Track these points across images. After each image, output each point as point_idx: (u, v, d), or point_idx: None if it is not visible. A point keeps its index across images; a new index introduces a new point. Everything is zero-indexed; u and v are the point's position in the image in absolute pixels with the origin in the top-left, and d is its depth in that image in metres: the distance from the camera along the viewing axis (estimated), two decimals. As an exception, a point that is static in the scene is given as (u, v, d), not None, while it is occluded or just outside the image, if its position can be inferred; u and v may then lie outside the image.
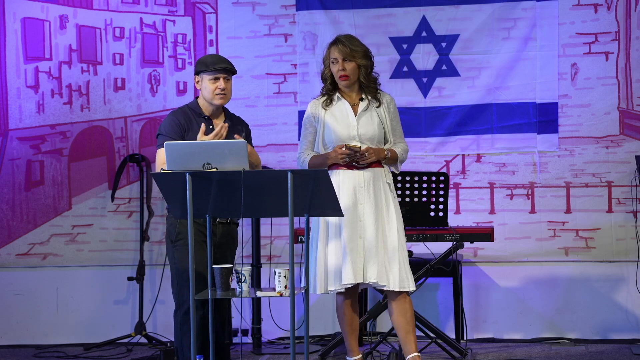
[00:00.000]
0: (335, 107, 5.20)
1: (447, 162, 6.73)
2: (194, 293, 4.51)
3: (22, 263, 6.95)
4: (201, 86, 5.06)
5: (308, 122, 5.23)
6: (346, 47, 5.13)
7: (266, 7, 6.83)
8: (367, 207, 5.08)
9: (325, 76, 5.24)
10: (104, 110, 6.94)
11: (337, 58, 5.15)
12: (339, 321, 5.27)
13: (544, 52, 6.61)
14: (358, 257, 5.05)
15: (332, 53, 5.17)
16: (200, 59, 5.10)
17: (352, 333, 5.24)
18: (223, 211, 4.70)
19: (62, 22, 6.91)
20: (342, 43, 5.15)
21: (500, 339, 6.63)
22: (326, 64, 5.21)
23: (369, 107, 5.20)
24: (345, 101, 5.20)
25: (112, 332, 6.79)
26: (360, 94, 5.23)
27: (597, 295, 6.57)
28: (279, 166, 6.74)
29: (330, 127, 5.16)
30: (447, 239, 6.02)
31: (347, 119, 5.17)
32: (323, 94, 5.25)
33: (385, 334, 6.10)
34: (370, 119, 5.18)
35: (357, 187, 5.09)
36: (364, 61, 5.17)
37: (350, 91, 5.23)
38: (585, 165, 6.60)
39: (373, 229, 5.07)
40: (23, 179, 6.93)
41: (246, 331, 6.60)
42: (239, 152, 4.46)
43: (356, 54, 5.14)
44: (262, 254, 6.60)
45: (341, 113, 5.18)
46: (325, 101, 5.21)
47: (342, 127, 5.15)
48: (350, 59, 5.13)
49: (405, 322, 5.15)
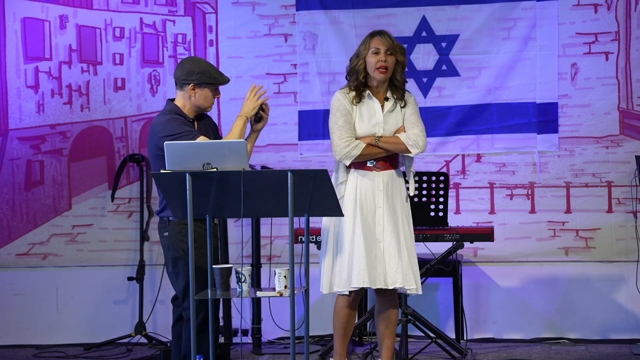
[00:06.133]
0: (364, 105, 5.05)
1: (447, 162, 6.73)
2: (194, 293, 4.51)
3: (22, 263, 6.95)
4: (197, 95, 4.99)
5: (345, 109, 5.02)
6: (391, 40, 5.03)
7: (266, 7, 6.83)
8: (387, 210, 5.00)
9: (357, 68, 5.04)
10: (104, 110, 6.95)
11: (379, 48, 5.00)
12: (334, 323, 5.11)
13: (544, 52, 6.61)
14: (378, 262, 4.95)
15: (374, 43, 5.02)
16: (196, 69, 4.97)
17: (344, 337, 5.11)
18: (223, 211, 4.70)
19: (62, 22, 6.91)
20: (387, 35, 5.05)
21: (500, 339, 6.63)
22: (362, 55, 5.03)
23: (395, 106, 5.10)
24: (375, 99, 5.05)
25: (112, 332, 6.78)
26: (386, 92, 5.11)
27: (597, 295, 6.57)
28: (279, 166, 6.74)
29: (357, 123, 5.04)
30: (447, 239, 6.02)
31: (375, 118, 5.05)
32: (351, 89, 5.07)
33: (385, 334, 6.09)
34: (396, 119, 5.08)
35: (376, 190, 5.00)
36: (403, 58, 5.08)
37: (380, 88, 5.09)
38: (585, 165, 6.60)
39: (393, 234, 4.98)
40: (23, 179, 6.94)
41: (246, 331, 6.60)
42: (239, 152, 4.46)
43: (398, 49, 5.05)
44: (262, 254, 6.60)
45: (369, 111, 5.05)
46: (354, 97, 5.04)
47: (368, 126, 5.03)
48: (392, 53, 5.03)
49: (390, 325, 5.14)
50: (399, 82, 5.08)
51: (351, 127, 5.00)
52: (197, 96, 4.99)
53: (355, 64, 5.05)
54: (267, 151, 6.79)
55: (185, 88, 5.00)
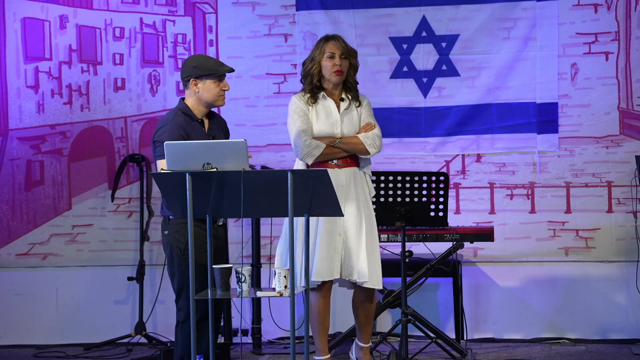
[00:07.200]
0: (320, 105, 5.28)
1: (447, 162, 6.73)
2: (194, 293, 4.51)
3: (22, 263, 6.95)
4: (201, 89, 5.03)
5: (301, 111, 5.26)
6: (345, 45, 5.29)
7: (266, 7, 6.83)
8: (349, 205, 5.17)
9: (311, 72, 5.28)
10: (104, 110, 6.94)
11: (335, 53, 5.23)
12: (310, 320, 5.21)
13: (544, 52, 6.61)
14: (336, 254, 5.14)
15: (329, 47, 5.25)
16: (193, 64, 5.03)
17: (323, 332, 5.28)
18: (223, 211, 4.70)
19: (62, 22, 6.91)
20: (341, 40, 5.30)
21: (500, 339, 6.63)
22: (316, 59, 5.26)
23: (350, 106, 5.32)
24: (330, 100, 5.29)
25: (112, 332, 6.79)
26: (341, 94, 5.32)
27: (597, 295, 6.57)
28: (279, 166, 6.74)
29: (315, 123, 5.25)
30: (447, 239, 6.03)
31: (332, 117, 5.27)
32: (306, 92, 5.30)
33: (385, 334, 6.10)
34: (352, 118, 5.30)
35: (339, 186, 5.13)
36: (356, 61, 5.34)
37: (334, 90, 5.31)
38: (585, 165, 6.60)
39: (354, 227, 5.16)
40: (23, 179, 6.93)
41: (246, 331, 6.60)
42: (238, 152, 4.46)
43: (351, 53, 5.32)
44: (262, 254, 6.60)
45: (325, 111, 5.28)
46: (310, 98, 5.27)
47: (326, 125, 5.25)
48: (346, 57, 5.27)
49: (368, 315, 5.35)
50: (351, 84, 5.35)
51: (309, 127, 5.22)
52: (200, 90, 5.02)
53: (310, 68, 5.30)
54: (267, 151, 6.79)
55: (188, 85, 5.04)
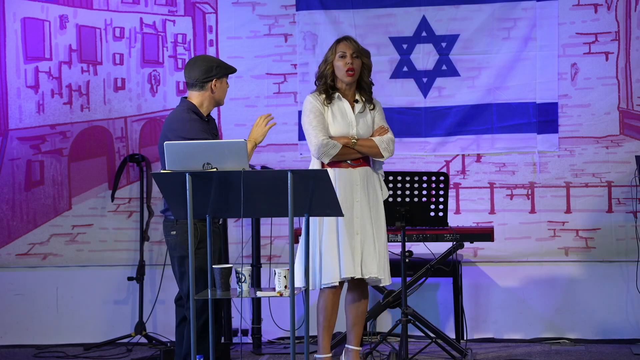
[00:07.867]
0: (335, 106, 5.27)
1: (447, 162, 6.73)
2: (194, 293, 4.51)
3: (22, 263, 6.95)
4: (218, 89, 5.07)
5: (317, 111, 5.23)
6: (356, 44, 5.30)
7: (266, 7, 6.83)
8: (364, 204, 5.19)
9: (325, 73, 5.28)
10: (104, 110, 6.95)
11: (346, 52, 5.24)
12: (318, 316, 5.26)
13: (544, 52, 6.61)
14: (356, 253, 5.16)
15: (340, 47, 5.27)
16: (213, 64, 5.06)
17: (329, 330, 5.30)
18: (223, 211, 4.70)
19: (62, 22, 6.91)
20: (352, 40, 5.32)
21: (500, 339, 6.63)
22: (329, 60, 5.28)
23: (365, 108, 5.32)
24: (345, 100, 5.29)
25: (112, 332, 6.79)
26: (354, 95, 5.32)
27: (597, 295, 6.57)
28: (279, 166, 6.74)
29: (331, 123, 5.24)
30: (447, 239, 6.03)
31: (347, 118, 5.27)
32: (321, 92, 5.29)
33: (385, 334, 6.09)
34: (366, 121, 5.31)
35: (354, 185, 5.18)
36: (369, 61, 5.33)
37: (348, 91, 5.30)
38: (585, 165, 6.60)
39: (369, 226, 5.19)
40: (23, 179, 6.93)
41: (246, 331, 6.60)
42: (238, 152, 4.46)
43: (364, 53, 5.32)
44: (262, 254, 6.60)
45: (341, 112, 5.27)
46: (325, 99, 5.26)
47: (342, 125, 5.24)
48: (358, 56, 5.27)
49: (360, 314, 5.34)
50: (366, 84, 5.34)
51: (325, 127, 5.21)
52: (217, 90, 5.08)
53: (323, 69, 5.31)
54: (267, 151, 6.79)
55: (206, 86, 5.05)
